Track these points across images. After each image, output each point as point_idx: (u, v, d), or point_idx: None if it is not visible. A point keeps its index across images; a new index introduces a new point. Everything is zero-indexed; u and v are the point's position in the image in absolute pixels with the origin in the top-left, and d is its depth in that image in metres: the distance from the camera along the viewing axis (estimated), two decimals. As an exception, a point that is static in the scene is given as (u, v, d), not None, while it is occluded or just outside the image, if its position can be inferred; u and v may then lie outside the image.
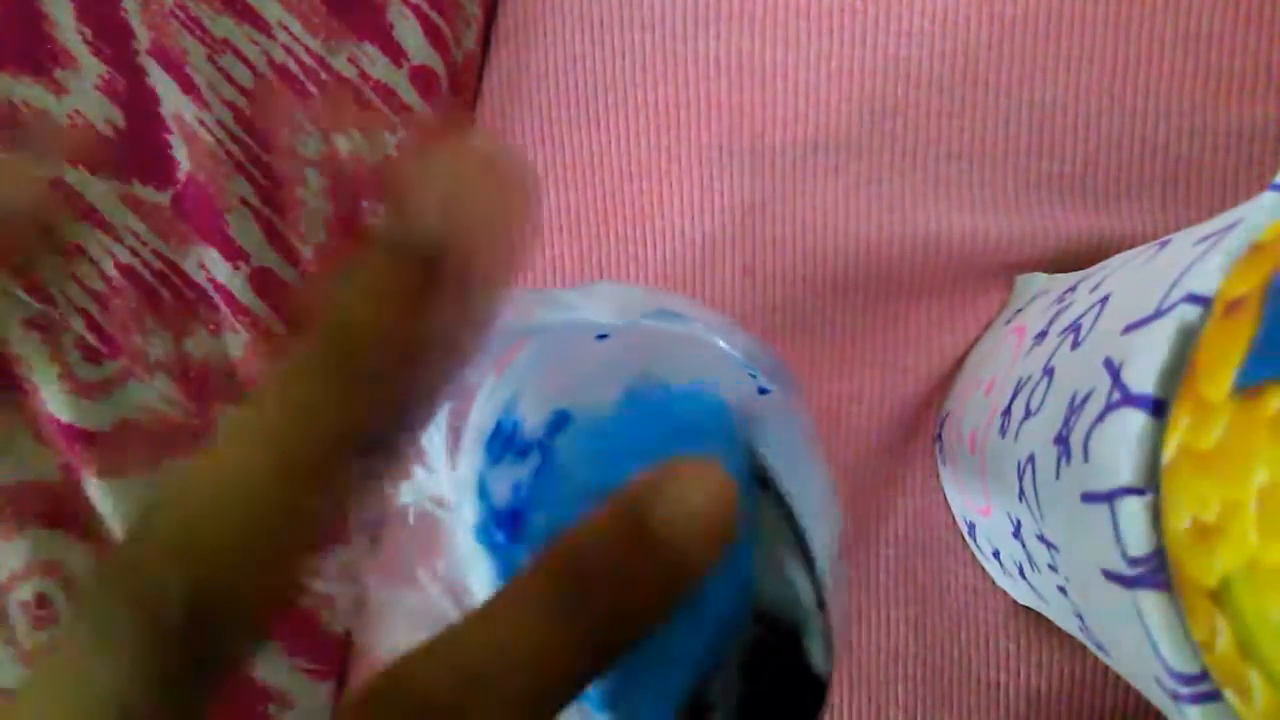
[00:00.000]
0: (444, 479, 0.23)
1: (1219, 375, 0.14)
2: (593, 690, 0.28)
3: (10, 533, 0.28)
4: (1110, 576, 0.17)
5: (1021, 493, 0.22)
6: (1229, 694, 0.15)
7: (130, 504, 0.29)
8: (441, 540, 0.27)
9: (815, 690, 0.16)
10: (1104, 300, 0.21)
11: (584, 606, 0.11)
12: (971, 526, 0.30)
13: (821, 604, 0.17)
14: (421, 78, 0.31)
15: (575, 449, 0.21)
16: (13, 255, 0.10)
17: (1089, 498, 0.17)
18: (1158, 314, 0.17)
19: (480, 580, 0.28)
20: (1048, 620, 0.30)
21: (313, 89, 0.30)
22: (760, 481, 0.18)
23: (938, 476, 0.32)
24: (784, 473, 0.27)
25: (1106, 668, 0.30)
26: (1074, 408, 0.19)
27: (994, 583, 0.31)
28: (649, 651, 0.14)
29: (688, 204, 0.32)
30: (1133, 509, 0.16)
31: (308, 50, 0.29)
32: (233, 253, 0.29)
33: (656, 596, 0.12)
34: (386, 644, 0.22)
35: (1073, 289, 0.25)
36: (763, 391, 0.28)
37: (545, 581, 0.11)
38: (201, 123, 0.28)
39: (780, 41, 0.32)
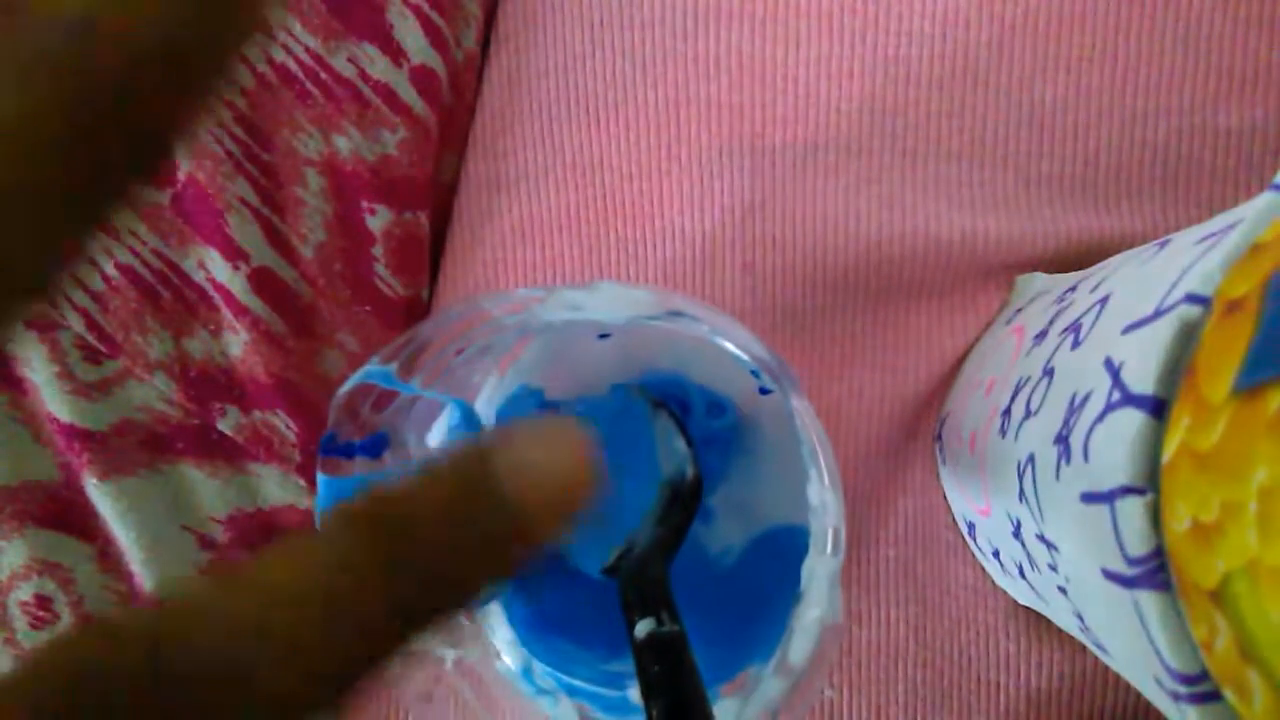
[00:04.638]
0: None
1: (1219, 375, 0.14)
2: (598, 691, 0.28)
3: (10, 533, 0.28)
4: (1110, 576, 0.17)
5: (1021, 493, 0.22)
6: (1229, 694, 0.15)
7: (130, 504, 0.29)
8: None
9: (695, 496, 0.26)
10: (1104, 300, 0.21)
11: (402, 552, 0.10)
12: (971, 526, 0.30)
13: (693, 450, 0.27)
14: (421, 78, 0.31)
15: None
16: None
17: (1089, 498, 0.17)
18: (1158, 314, 0.17)
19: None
20: (1048, 620, 0.30)
21: (313, 89, 0.30)
22: (655, 404, 0.27)
23: (938, 476, 0.32)
24: (779, 469, 0.27)
25: (1106, 668, 0.30)
26: (1074, 408, 0.19)
27: (994, 583, 0.31)
28: (602, 515, 0.22)
29: (688, 204, 0.32)
30: (1133, 509, 0.16)
31: (308, 50, 0.29)
32: (233, 253, 0.29)
33: (485, 556, 0.10)
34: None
35: (1073, 289, 0.25)
36: (764, 391, 0.28)
37: (363, 514, 0.10)
38: (201, 122, 0.28)
39: (780, 41, 0.32)
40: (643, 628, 0.20)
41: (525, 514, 0.10)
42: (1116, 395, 0.17)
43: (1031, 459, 0.21)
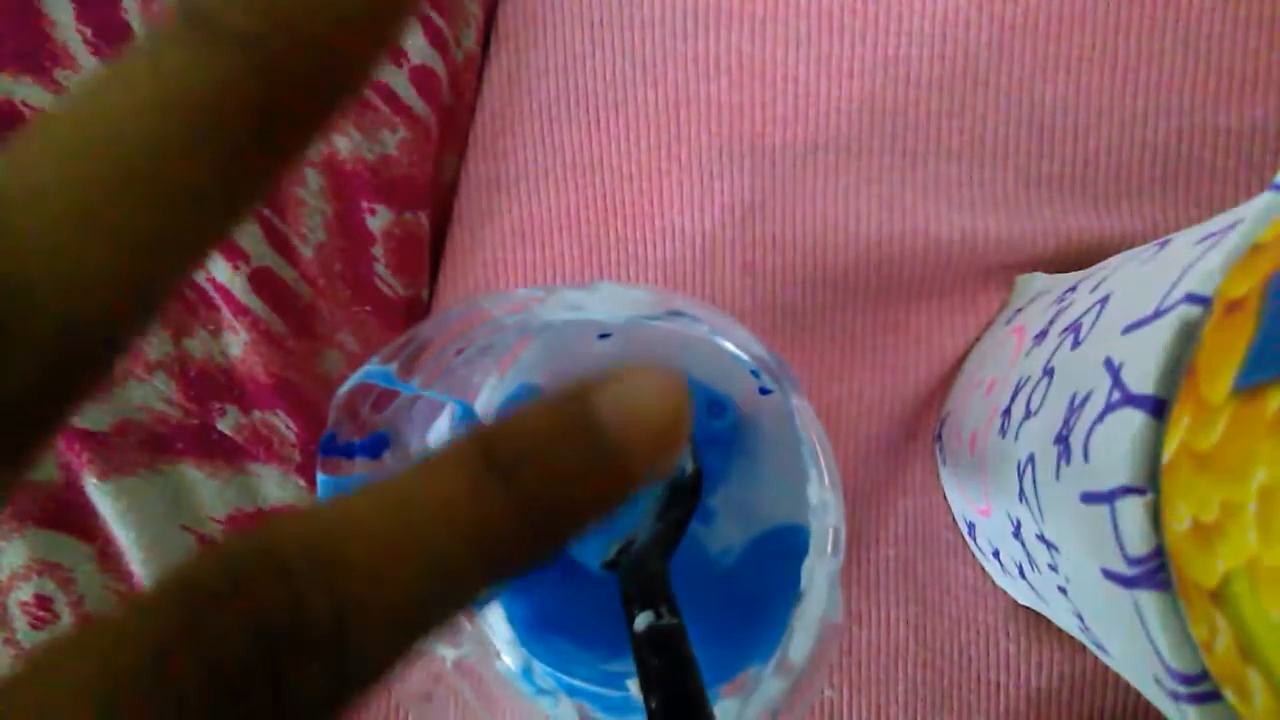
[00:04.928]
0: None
1: (1219, 375, 0.14)
2: (598, 691, 0.28)
3: (10, 533, 0.28)
4: (1110, 576, 0.17)
5: (1021, 493, 0.22)
6: (1229, 694, 0.15)
7: (130, 504, 0.29)
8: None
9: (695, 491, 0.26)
10: (1104, 300, 0.21)
11: (515, 481, 0.10)
12: (971, 526, 0.30)
13: (693, 445, 0.27)
14: (421, 78, 0.31)
15: None
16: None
17: (1089, 498, 0.17)
18: (1158, 314, 0.17)
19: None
20: (1048, 620, 0.30)
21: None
22: None
23: (938, 476, 0.32)
24: (779, 469, 0.27)
25: (1106, 668, 0.30)
26: (1074, 408, 0.19)
27: (994, 583, 0.31)
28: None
29: (687, 204, 0.32)
30: (1133, 509, 0.16)
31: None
32: (233, 253, 0.29)
33: (594, 489, 0.10)
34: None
35: (1073, 289, 0.25)
36: (764, 391, 0.28)
37: (477, 449, 0.10)
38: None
39: (780, 41, 0.32)
40: (642, 621, 0.20)
41: (626, 451, 0.10)
42: (1116, 395, 0.17)
43: (1031, 459, 0.21)
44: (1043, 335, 0.24)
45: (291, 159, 0.10)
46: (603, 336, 0.28)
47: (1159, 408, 0.16)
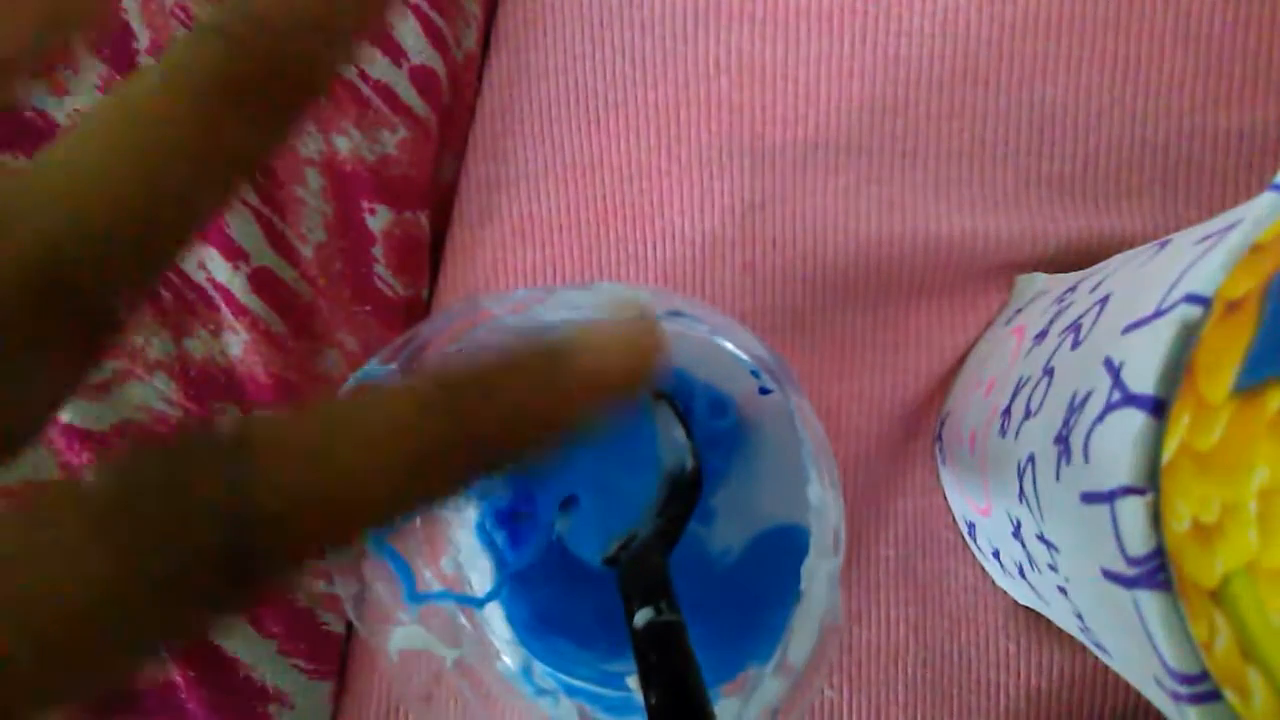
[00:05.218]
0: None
1: (1219, 375, 0.14)
2: (598, 691, 0.28)
3: (10, 532, 0.28)
4: (1110, 576, 0.17)
5: (1021, 493, 0.22)
6: (1229, 694, 0.15)
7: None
8: (445, 539, 0.27)
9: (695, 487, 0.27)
10: (1104, 300, 0.21)
11: (471, 393, 0.11)
12: (971, 526, 0.30)
13: (693, 441, 0.27)
14: (421, 78, 0.31)
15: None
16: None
17: (1089, 498, 0.17)
18: (1158, 314, 0.17)
19: (480, 577, 0.28)
20: (1048, 620, 0.30)
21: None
22: (656, 395, 0.27)
23: (938, 476, 0.32)
24: (779, 469, 0.27)
25: (1106, 668, 0.30)
26: (1074, 408, 0.19)
27: (994, 583, 0.31)
28: (605, 506, 0.27)
29: (688, 204, 0.32)
30: (1133, 509, 0.16)
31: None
32: (233, 253, 0.29)
33: (549, 409, 0.11)
34: (394, 644, 0.22)
35: (1073, 289, 0.25)
36: (764, 392, 0.28)
37: (430, 381, 0.11)
38: (201, 122, 0.28)
39: (780, 41, 0.32)
40: (641, 617, 0.20)
41: (571, 386, 0.11)
42: (1117, 395, 0.17)
43: (1031, 459, 0.21)
44: (1043, 335, 0.24)
45: (268, 141, 0.11)
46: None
47: (1159, 407, 0.16)
